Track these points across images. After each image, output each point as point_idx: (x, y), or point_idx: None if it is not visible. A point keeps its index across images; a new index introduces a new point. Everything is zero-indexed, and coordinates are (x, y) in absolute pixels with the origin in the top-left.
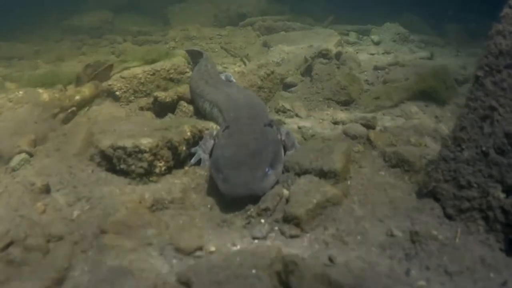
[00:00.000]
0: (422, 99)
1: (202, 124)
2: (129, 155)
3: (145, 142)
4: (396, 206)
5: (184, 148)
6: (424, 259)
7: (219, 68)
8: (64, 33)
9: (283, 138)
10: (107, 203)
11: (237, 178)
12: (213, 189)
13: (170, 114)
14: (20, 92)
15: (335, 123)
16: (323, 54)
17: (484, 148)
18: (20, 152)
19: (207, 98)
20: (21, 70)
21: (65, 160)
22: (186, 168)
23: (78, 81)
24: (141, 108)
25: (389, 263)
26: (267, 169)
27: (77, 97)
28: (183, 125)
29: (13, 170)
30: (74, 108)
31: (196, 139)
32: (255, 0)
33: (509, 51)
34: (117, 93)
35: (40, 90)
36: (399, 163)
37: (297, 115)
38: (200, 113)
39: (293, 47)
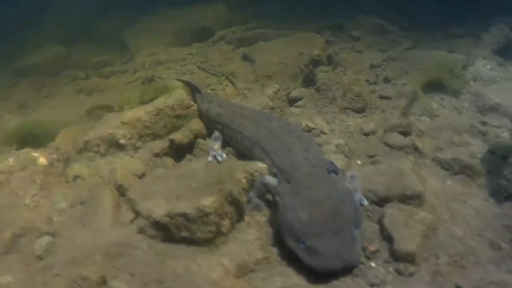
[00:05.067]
0: (435, 92)
1: (251, 166)
2: (192, 221)
3: (207, 203)
4: (484, 216)
5: (244, 198)
6: None
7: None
8: (17, 76)
9: (348, 183)
10: (187, 284)
11: (325, 249)
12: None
13: (188, 155)
14: (10, 160)
15: (366, 134)
16: (316, 61)
17: None
18: (41, 235)
19: (246, 134)
20: None
21: (104, 237)
22: (246, 218)
23: None
24: (157, 155)
25: None
26: (354, 231)
27: None
28: (234, 173)
29: (40, 259)
30: None
31: (250, 184)
32: (215, 12)
33: None
34: (122, 141)
35: (35, 154)
36: (461, 169)
37: (322, 132)
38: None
39: (282, 56)
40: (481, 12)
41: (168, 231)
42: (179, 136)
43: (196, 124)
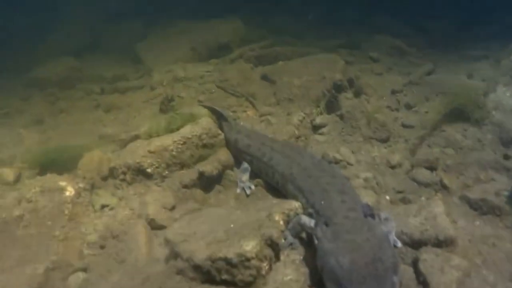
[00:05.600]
0: (457, 123)
1: (286, 206)
2: (234, 265)
3: (249, 248)
4: None
5: (283, 240)
6: None
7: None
8: (30, 87)
9: (383, 225)
10: None
11: None
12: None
13: (217, 186)
14: (37, 188)
15: (392, 167)
16: (338, 85)
17: None
18: (74, 271)
19: (278, 170)
20: (2, 144)
21: (141, 276)
22: (282, 257)
23: None
24: (185, 186)
25: None
26: (393, 278)
27: None
28: (272, 215)
29: None
30: None
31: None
32: (231, 28)
33: None
34: (149, 170)
35: (62, 183)
36: (489, 210)
37: (348, 163)
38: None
39: (303, 79)
40: (494, 34)
41: (208, 274)
42: (209, 168)
43: (224, 155)
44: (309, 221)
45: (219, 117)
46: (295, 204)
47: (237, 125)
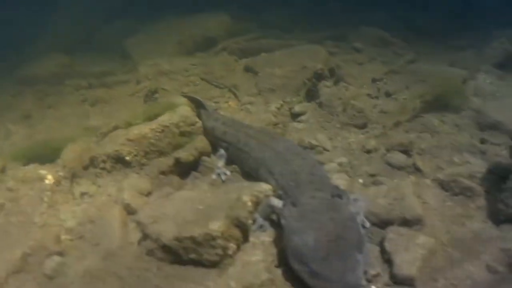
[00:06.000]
0: (436, 109)
1: (256, 188)
2: (200, 244)
3: (215, 227)
4: (483, 238)
5: (250, 221)
6: None
7: (211, 104)
8: (20, 84)
9: (352, 206)
10: None
11: (329, 273)
12: None
13: (194, 173)
14: (18, 177)
15: (368, 151)
16: (319, 74)
17: None
18: (50, 255)
19: (252, 154)
20: None
21: (115, 259)
22: (252, 239)
23: None
24: (162, 173)
25: None
26: (356, 256)
27: None
28: (241, 196)
29: (50, 279)
30: None
31: (256, 206)
32: (218, 21)
33: None
34: (127, 158)
35: (42, 171)
36: (461, 191)
37: (324, 149)
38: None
39: (285, 69)
40: (482, 24)
41: (176, 254)
42: (185, 155)
43: (201, 142)
44: (278, 203)
45: (198, 106)
46: (265, 187)
47: (214, 113)
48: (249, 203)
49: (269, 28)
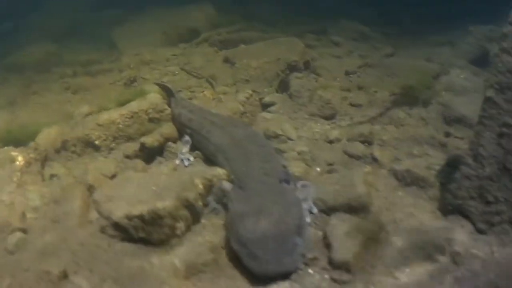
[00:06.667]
0: (404, 103)
1: (210, 172)
2: (148, 223)
3: (163, 206)
4: (428, 229)
5: (200, 203)
6: (472, 279)
7: (187, 94)
8: (7, 72)
9: (299, 192)
10: (140, 281)
11: (265, 255)
12: None
13: (159, 158)
14: None
15: (330, 142)
16: (293, 66)
17: (506, 164)
18: (13, 231)
19: (212, 141)
20: None
21: (71, 235)
22: (203, 221)
23: None
24: (128, 157)
25: None
26: (295, 239)
27: None
28: (193, 179)
29: (11, 254)
30: None
31: (208, 189)
32: (203, 13)
33: None
34: (96, 142)
35: (13, 153)
36: (414, 181)
37: (289, 139)
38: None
39: (261, 61)
40: (461, 21)
41: (126, 232)
42: (150, 140)
43: (168, 128)
44: (229, 186)
45: (168, 94)
46: (219, 171)
47: (183, 100)
48: (200, 186)
49: (253, 21)
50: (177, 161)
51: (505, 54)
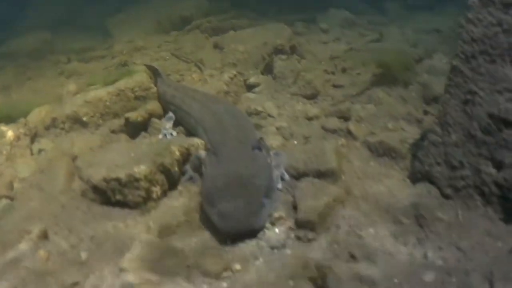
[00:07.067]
0: (385, 83)
1: (187, 142)
2: (124, 185)
3: (139, 169)
4: (396, 194)
5: (176, 169)
6: (435, 240)
7: (176, 77)
8: (2, 59)
9: (272, 159)
10: (114, 239)
11: (233, 213)
12: None
13: (143, 133)
14: None
15: (309, 118)
16: (279, 50)
17: (471, 130)
18: (0, 198)
19: (193, 115)
20: None
21: (54, 200)
22: (180, 187)
23: None
24: (113, 131)
25: (406, 250)
26: (262, 200)
27: None
28: (170, 146)
29: None
30: None
31: (186, 158)
32: (195, 2)
33: (481, 38)
34: (84, 118)
35: (4, 128)
36: (385, 152)
37: (269, 115)
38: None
39: (248, 45)
40: (449, 10)
41: (105, 195)
42: (134, 115)
43: (152, 105)
44: (204, 155)
45: (155, 74)
46: (197, 141)
47: (168, 80)
48: (177, 153)
49: (244, 10)
50: (160, 136)
51: (470, 25)
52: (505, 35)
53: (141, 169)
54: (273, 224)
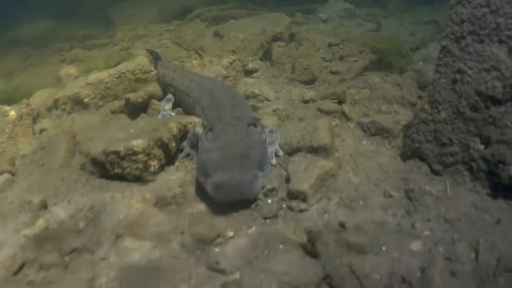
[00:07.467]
0: (381, 69)
1: (185, 119)
2: (123, 158)
3: (137, 143)
4: (386, 170)
5: (174, 144)
6: (423, 213)
7: (177, 63)
8: (6, 46)
9: (267, 136)
10: (112, 209)
11: (227, 183)
12: None
13: (143, 114)
14: None
15: (305, 102)
16: (277, 38)
17: (459, 108)
18: (2, 173)
19: (191, 95)
20: None
21: (54, 174)
22: (177, 163)
23: None
24: (113, 112)
25: (395, 220)
26: (256, 172)
27: None
28: (167, 122)
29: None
30: None
31: (183, 134)
32: None
33: (470, 19)
34: (85, 100)
35: (6, 107)
36: (378, 131)
37: (267, 99)
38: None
39: (247, 33)
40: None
41: (104, 168)
42: (133, 96)
43: (152, 87)
44: (201, 131)
45: (155, 57)
46: (195, 119)
47: (168, 62)
48: (175, 129)
49: (244, 1)
50: (159, 116)
51: (459, 6)
52: (493, 16)
53: (139, 143)
54: (266, 195)
